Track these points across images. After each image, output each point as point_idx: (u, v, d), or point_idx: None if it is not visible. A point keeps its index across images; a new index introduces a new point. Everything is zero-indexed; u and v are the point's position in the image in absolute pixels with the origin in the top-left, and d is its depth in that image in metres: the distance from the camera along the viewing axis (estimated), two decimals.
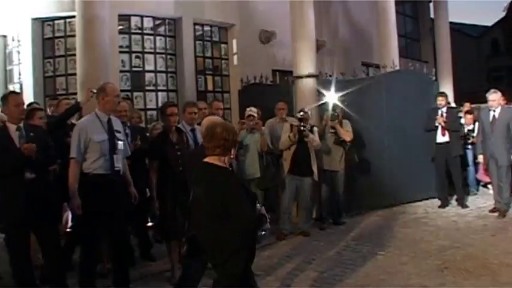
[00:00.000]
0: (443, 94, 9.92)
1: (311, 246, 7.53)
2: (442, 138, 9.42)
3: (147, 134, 7.46)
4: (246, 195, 3.67)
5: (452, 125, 9.43)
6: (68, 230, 6.80)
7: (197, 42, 11.66)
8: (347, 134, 8.49)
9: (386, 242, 7.44)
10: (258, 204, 3.80)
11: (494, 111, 8.74)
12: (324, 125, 8.53)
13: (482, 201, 10.00)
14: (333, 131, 8.50)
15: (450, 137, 9.39)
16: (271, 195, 8.82)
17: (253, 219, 3.64)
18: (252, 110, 8.10)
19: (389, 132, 9.86)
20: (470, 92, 21.03)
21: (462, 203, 9.61)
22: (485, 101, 9.07)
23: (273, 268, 6.47)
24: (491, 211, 8.96)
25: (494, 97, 8.74)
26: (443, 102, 9.55)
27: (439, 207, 9.62)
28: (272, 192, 8.66)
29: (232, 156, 3.80)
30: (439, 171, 9.64)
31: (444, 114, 9.41)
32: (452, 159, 9.47)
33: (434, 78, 11.12)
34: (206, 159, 3.74)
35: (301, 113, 8.02)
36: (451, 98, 14.77)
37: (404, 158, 9.81)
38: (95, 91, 5.58)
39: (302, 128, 7.85)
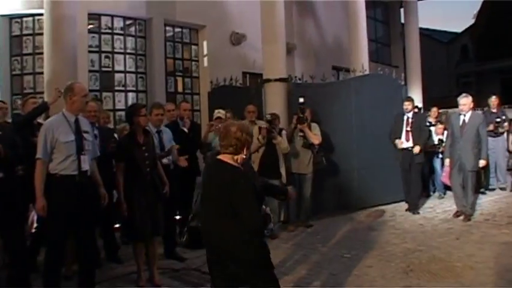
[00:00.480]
0: (409, 99, 9.96)
1: (279, 248, 7.51)
2: (406, 143, 9.45)
3: (115, 135, 7.38)
4: (255, 195, 3.71)
5: (419, 137, 9.42)
6: (34, 230, 6.70)
7: (167, 43, 11.62)
8: (315, 137, 8.52)
9: (353, 245, 7.51)
10: (263, 206, 3.79)
11: (464, 115, 8.79)
12: (293, 128, 8.54)
13: (448, 204, 10.09)
14: (301, 134, 8.53)
15: (414, 142, 9.41)
16: None
17: (259, 221, 3.84)
18: (221, 112, 8.11)
19: (358, 136, 9.95)
20: (439, 97, 21.37)
21: (414, 209, 9.64)
22: (454, 105, 9.17)
23: None
24: (455, 215, 9.08)
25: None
26: (409, 107, 9.60)
27: (407, 210, 9.70)
28: None
29: (245, 157, 3.87)
30: (404, 175, 9.69)
31: (410, 120, 9.50)
32: (414, 165, 9.47)
33: (403, 82, 11.21)
34: (219, 157, 3.87)
35: (270, 116, 8.07)
36: (420, 103, 14.99)
37: (372, 161, 9.90)
38: (62, 90, 5.51)
39: (271, 130, 7.90)
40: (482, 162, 8.84)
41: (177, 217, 7.72)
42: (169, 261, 6.87)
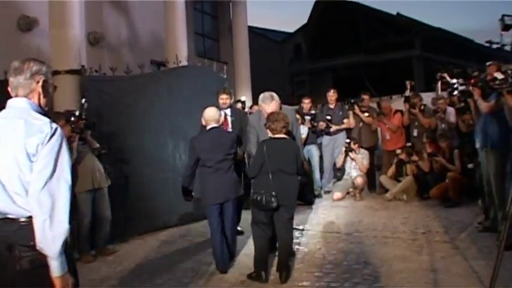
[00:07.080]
0: (226, 91, 8.33)
1: None
2: None
3: None
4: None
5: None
6: None
7: None
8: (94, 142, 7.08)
9: (165, 273, 6.12)
10: None
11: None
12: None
13: None
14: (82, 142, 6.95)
15: None
16: None
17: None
18: None
19: (173, 138, 8.61)
20: None
21: None
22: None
23: None
24: None
25: (274, 107, 6.31)
26: (227, 102, 8.23)
27: None
28: None
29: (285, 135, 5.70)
30: None
31: (229, 118, 8.16)
32: None
33: (225, 76, 9.92)
34: (278, 136, 5.60)
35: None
36: (250, 101, 14.09)
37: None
38: None
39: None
40: None
41: None
42: None
